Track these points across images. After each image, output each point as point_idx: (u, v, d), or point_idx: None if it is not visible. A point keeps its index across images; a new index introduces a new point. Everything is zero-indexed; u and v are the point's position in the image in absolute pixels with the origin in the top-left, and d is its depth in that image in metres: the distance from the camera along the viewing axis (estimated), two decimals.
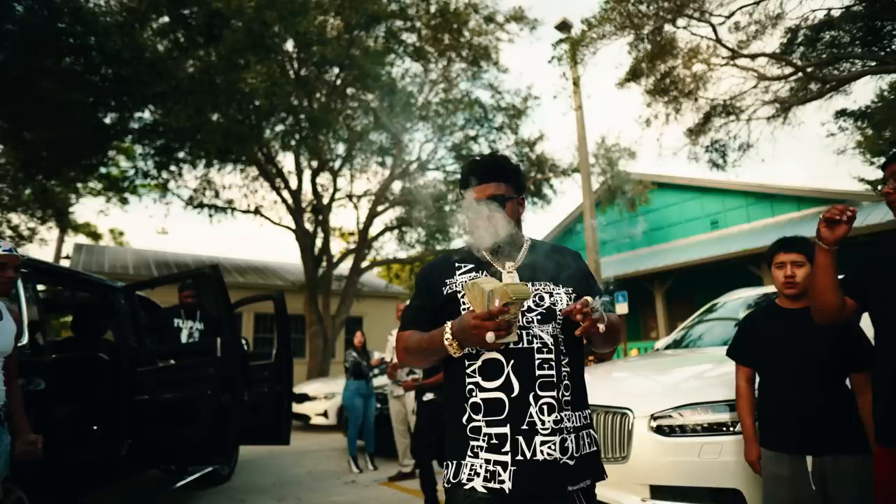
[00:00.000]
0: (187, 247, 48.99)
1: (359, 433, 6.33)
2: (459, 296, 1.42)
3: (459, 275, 1.46)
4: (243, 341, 5.08)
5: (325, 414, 9.64)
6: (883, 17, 7.29)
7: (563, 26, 11.19)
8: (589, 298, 1.28)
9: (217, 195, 14.73)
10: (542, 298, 1.42)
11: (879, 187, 1.76)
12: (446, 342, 1.32)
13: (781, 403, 2.10)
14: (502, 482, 1.30)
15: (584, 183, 11.29)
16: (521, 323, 1.35)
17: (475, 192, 1.48)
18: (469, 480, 1.33)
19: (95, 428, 3.99)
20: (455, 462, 1.38)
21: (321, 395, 9.83)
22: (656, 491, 2.47)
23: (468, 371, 1.40)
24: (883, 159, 1.82)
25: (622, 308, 10.58)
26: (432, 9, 11.95)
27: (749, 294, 4.06)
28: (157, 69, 10.18)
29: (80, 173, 13.12)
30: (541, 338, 1.37)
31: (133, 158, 14.50)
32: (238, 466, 5.80)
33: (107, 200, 15.86)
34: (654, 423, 2.51)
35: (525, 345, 1.35)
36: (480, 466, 1.33)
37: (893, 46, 7.89)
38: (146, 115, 12.15)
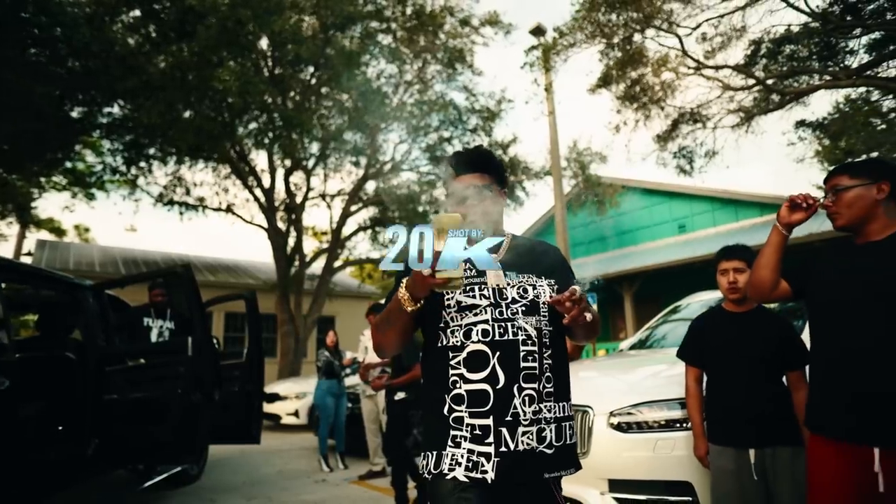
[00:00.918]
0: (157, 244, 47.91)
1: (329, 432, 6.36)
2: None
3: None
4: (214, 340, 5.06)
5: (295, 413, 9.62)
6: (836, 34, 7.65)
7: (538, 31, 11.38)
8: (577, 287, 1.31)
9: (188, 192, 14.49)
10: (525, 290, 1.44)
11: (821, 200, 1.91)
12: (400, 296, 1.31)
13: (727, 401, 2.26)
14: (485, 472, 1.31)
15: (555, 186, 11.51)
16: (506, 315, 1.38)
17: (459, 181, 1.50)
18: (451, 470, 1.33)
19: (61, 428, 3.95)
20: (435, 452, 1.38)
21: (292, 395, 9.80)
22: (614, 484, 2.60)
23: (452, 363, 1.40)
24: None
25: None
26: (408, 11, 12.00)
27: (710, 297, 4.24)
28: (128, 64, 9.97)
29: (44, 168, 12.76)
30: (525, 330, 1.39)
31: (101, 153, 14.16)
32: (208, 466, 5.78)
33: (72, 196, 15.45)
34: (612, 420, 2.64)
35: (510, 337, 1.37)
36: (462, 456, 1.33)
37: (846, 62, 8.28)
38: (115, 109, 11.90)
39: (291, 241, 14.55)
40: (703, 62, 8.48)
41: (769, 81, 8.81)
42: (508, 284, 1.44)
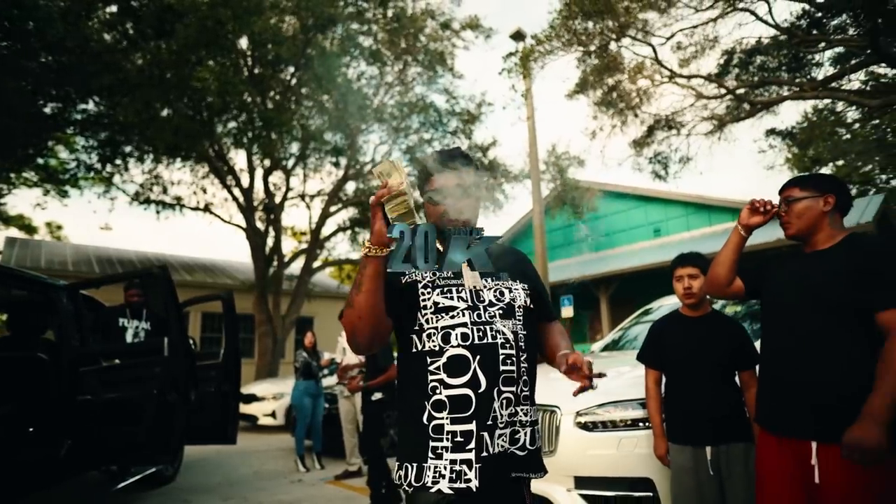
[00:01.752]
0: (132, 243, 47.02)
1: (306, 433, 6.38)
2: (419, 285, 1.41)
3: None
4: (190, 341, 5.06)
5: (272, 414, 9.59)
6: (802, 47, 7.93)
7: (518, 36, 11.52)
8: (590, 361, 1.36)
9: (165, 191, 14.32)
10: (501, 294, 1.43)
11: (778, 207, 2.04)
12: (364, 250, 1.29)
13: (685, 402, 2.38)
14: (469, 481, 1.29)
15: (534, 189, 11.66)
16: (484, 318, 1.37)
17: (438, 180, 1.48)
18: (434, 483, 1.30)
19: (32, 429, 3.92)
20: (415, 465, 1.34)
21: (269, 396, 9.77)
22: (580, 481, 2.70)
23: (431, 368, 1.37)
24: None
25: (568, 311, 11.00)
26: (389, 13, 12.05)
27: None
28: (104, 60, 9.84)
29: (14, 163, 12.48)
30: (503, 333, 1.38)
31: (74, 150, 13.90)
32: (183, 467, 5.76)
33: (44, 193, 15.12)
34: (579, 420, 2.75)
35: (490, 340, 1.36)
36: (445, 468, 1.31)
37: (812, 74, 8.59)
38: (90, 106, 11.70)
39: (270, 242, 14.48)
40: (676, 71, 8.71)
41: (740, 91, 9.09)
42: (485, 287, 1.43)
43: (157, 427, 3.75)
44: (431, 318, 1.39)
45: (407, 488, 1.35)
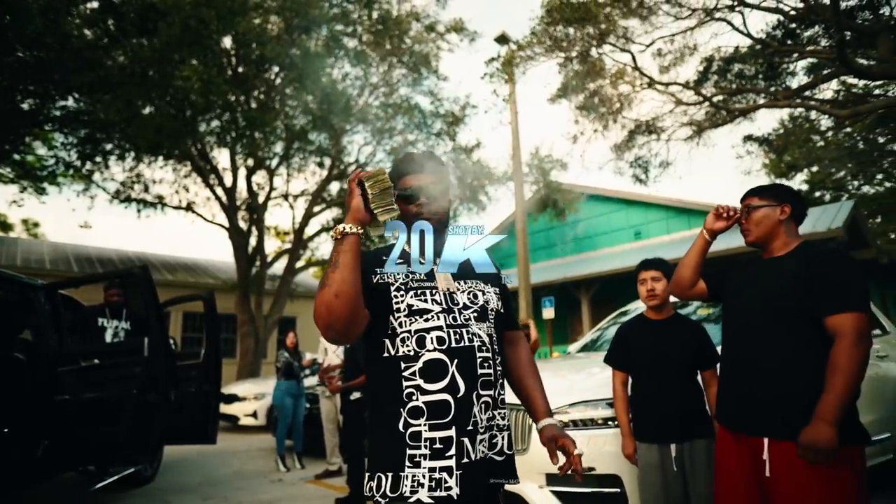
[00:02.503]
0: (112, 241, 46.29)
1: (287, 433, 6.41)
2: (392, 288, 1.38)
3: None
4: (171, 341, 5.06)
5: (254, 414, 9.57)
6: (776, 57, 8.15)
7: (503, 39, 11.64)
8: (580, 453, 1.40)
9: (147, 189, 14.18)
10: (475, 296, 1.42)
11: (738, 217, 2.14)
12: (337, 233, 1.27)
13: (650, 401, 2.48)
14: (449, 489, 1.25)
15: (516, 191, 11.78)
16: (460, 321, 1.35)
17: (411, 180, 1.46)
18: (413, 493, 1.25)
19: (7, 430, 3.89)
20: (391, 474, 1.28)
21: (251, 396, 9.75)
22: (551, 478, 2.79)
23: (406, 374, 1.32)
24: (784, 181, 2.22)
25: (549, 313, 11.13)
26: (374, 15, 12.09)
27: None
28: (84, 57, 9.73)
29: None
30: (479, 336, 1.36)
31: (53, 147, 13.70)
32: (163, 467, 5.75)
33: (21, 190, 14.86)
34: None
35: (466, 343, 1.34)
36: (424, 476, 1.26)
37: (787, 83, 8.83)
38: (70, 103, 11.55)
39: (253, 241, 14.41)
40: (654, 78, 8.89)
41: (717, 98, 9.31)
42: (458, 289, 1.41)
43: (136, 427, 3.76)
44: (405, 322, 1.35)
45: (381, 500, 1.28)
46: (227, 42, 11.30)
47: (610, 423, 2.77)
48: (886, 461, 3.74)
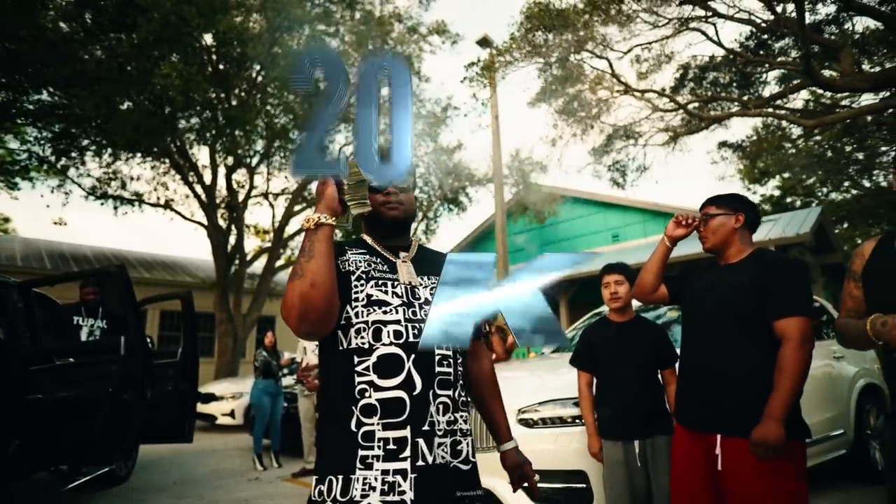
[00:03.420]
0: (87, 238, 45.36)
1: (265, 431, 6.42)
2: (353, 277, 1.32)
3: (350, 254, 1.37)
4: (148, 339, 5.05)
5: (231, 414, 9.53)
6: (749, 66, 8.39)
7: (484, 42, 11.76)
8: (537, 482, 1.44)
9: (124, 186, 13.97)
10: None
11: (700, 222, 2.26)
12: (309, 222, 1.21)
13: (615, 400, 2.59)
14: (403, 493, 1.17)
15: (496, 193, 11.91)
16: (420, 316, 1.29)
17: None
18: (364, 496, 1.17)
19: None
20: (342, 477, 1.20)
21: (228, 395, 9.71)
22: None
23: (359, 369, 1.25)
24: (758, 187, 2.35)
25: None
26: (357, 15, 12.11)
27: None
28: (60, 50, 9.58)
29: None
30: None
31: (27, 141, 13.41)
32: (138, 467, 5.72)
33: None
34: (521, 417, 2.94)
35: None
36: (376, 479, 1.18)
37: (759, 92, 9.10)
38: (45, 96, 11.34)
39: (232, 240, 14.31)
40: (630, 85, 9.09)
41: (692, 106, 9.55)
42: (420, 284, 1.36)
43: (112, 425, 3.76)
44: (362, 312, 1.28)
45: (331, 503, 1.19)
46: (209, 39, 11.21)
47: (577, 421, 2.88)
48: (840, 456, 3.92)
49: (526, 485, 1.48)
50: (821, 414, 3.79)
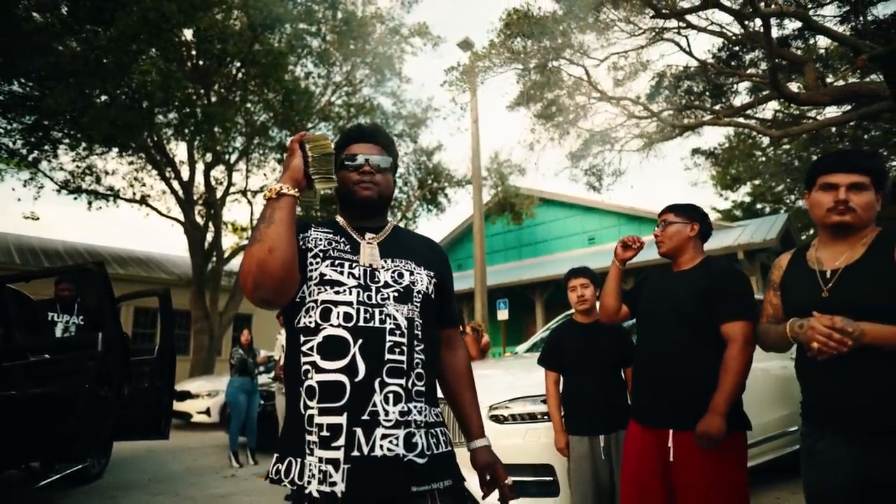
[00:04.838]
0: (59, 233, 44.24)
1: (241, 429, 6.44)
2: (310, 254, 1.29)
3: (313, 231, 1.34)
4: (125, 336, 5.05)
5: (207, 412, 9.49)
6: (720, 77, 8.68)
7: (466, 44, 11.89)
8: (509, 483, 1.37)
9: (98, 181, 13.73)
10: (400, 275, 1.29)
11: (655, 229, 2.41)
12: (270, 192, 1.22)
13: (580, 398, 2.74)
14: (334, 484, 1.12)
15: (475, 195, 12.05)
16: (375, 300, 1.23)
17: (356, 148, 1.38)
18: (308, 483, 1.14)
19: None
20: (298, 460, 1.18)
21: (204, 393, 9.66)
22: None
23: (304, 349, 1.21)
24: (730, 193, 2.51)
25: (503, 314, 11.46)
26: (338, 15, 12.13)
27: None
28: (33, 41, 9.41)
29: None
30: (394, 318, 1.22)
31: None
32: (112, 464, 5.69)
33: None
34: (492, 413, 3.06)
35: (377, 324, 1.20)
36: (314, 466, 1.14)
37: (731, 101, 9.40)
38: (16, 87, 11.10)
39: (209, 237, 14.18)
40: (605, 93, 9.31)
41: (666, 113, 9.82)
42: (382, 267, 1.29)
43: (87, 421, 3.77)
44: (314, 290, 1.24)
45: (289, 486, 1.18)
46: (188, 34, 11.12)
47: (546, 417, 3.01)
48: (796, 450, 4.14)
49: (497, 491, 1.41)
50: (779, 411, 4.02)
